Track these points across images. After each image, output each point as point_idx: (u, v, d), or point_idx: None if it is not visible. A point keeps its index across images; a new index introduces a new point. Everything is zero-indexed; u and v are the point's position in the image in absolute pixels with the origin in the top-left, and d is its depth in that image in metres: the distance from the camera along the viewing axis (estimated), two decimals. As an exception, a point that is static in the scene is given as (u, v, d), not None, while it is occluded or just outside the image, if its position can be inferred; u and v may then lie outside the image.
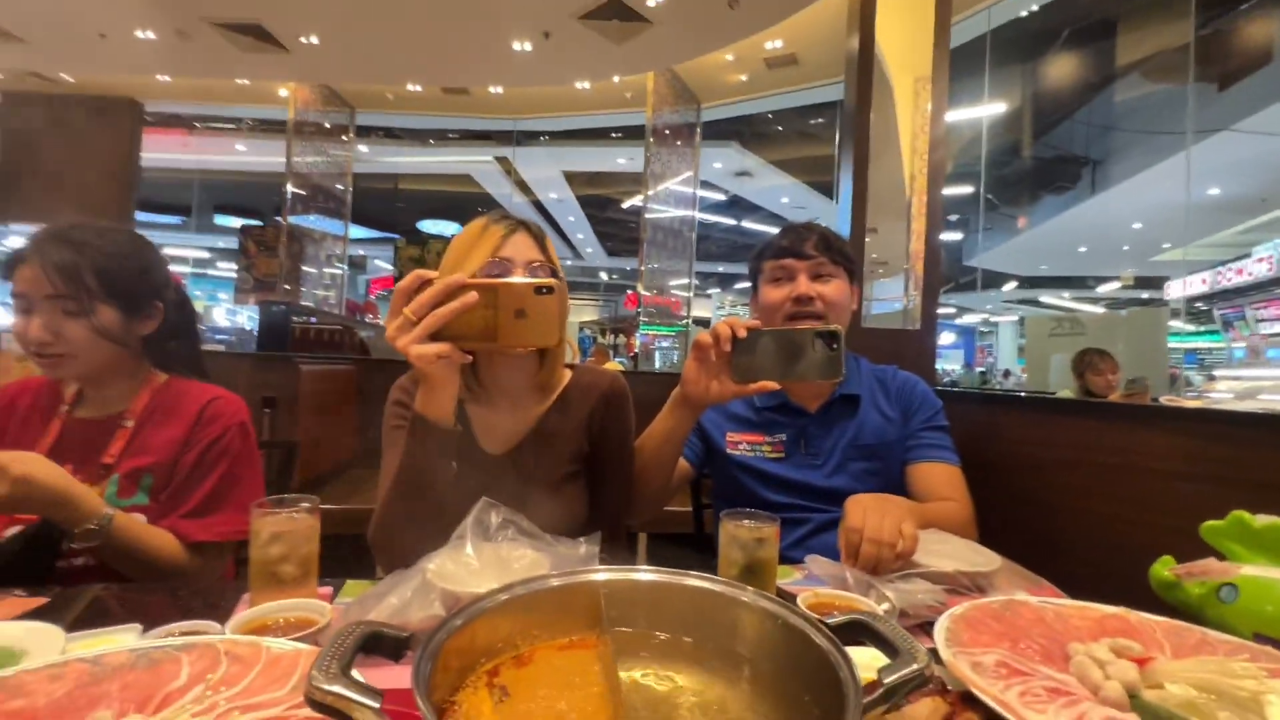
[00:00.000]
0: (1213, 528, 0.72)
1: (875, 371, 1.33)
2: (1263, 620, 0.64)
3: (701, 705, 0.49)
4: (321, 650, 0.42)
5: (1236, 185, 6.77)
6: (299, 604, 0.67)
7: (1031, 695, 0.53)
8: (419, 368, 0.78)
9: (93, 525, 0.90)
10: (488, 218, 1.01)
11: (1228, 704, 0.50)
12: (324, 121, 7.59)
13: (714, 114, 7.44)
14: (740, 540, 0.76)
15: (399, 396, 1.03)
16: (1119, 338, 5.37)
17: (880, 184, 2.90)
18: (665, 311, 7.38)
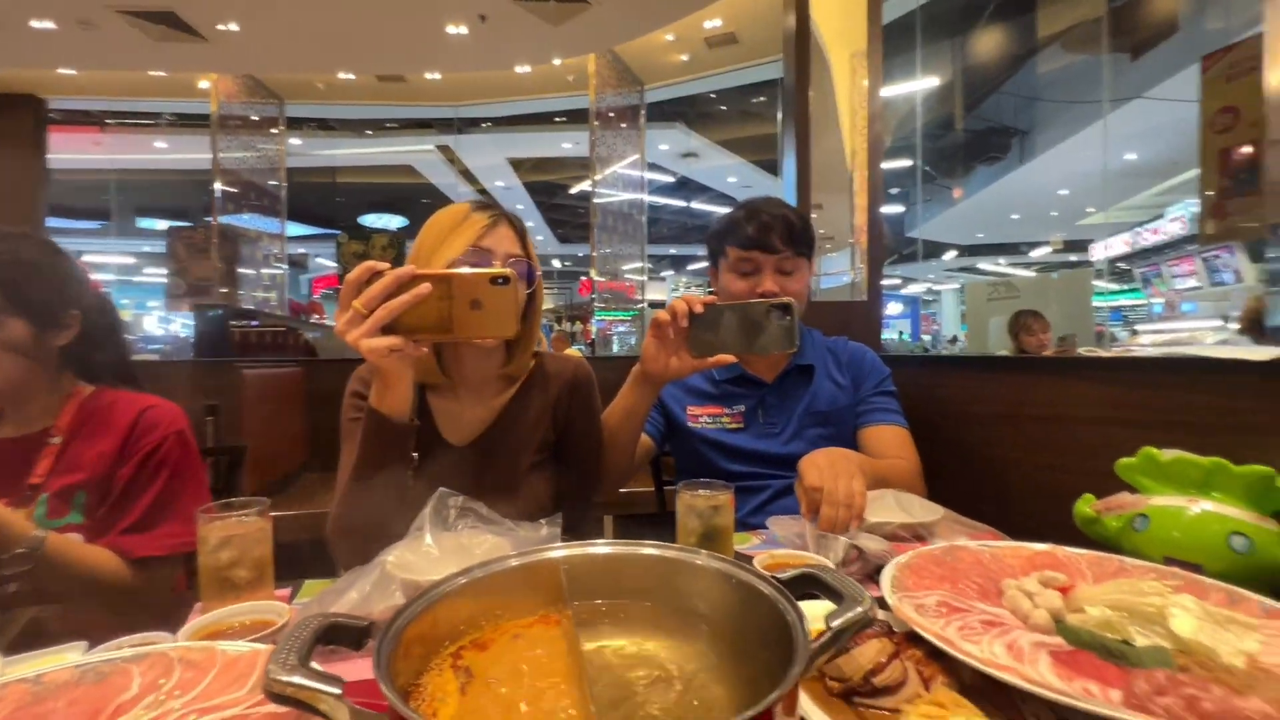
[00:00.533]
0: (1126, 464, 0.78)
1: (827, 343, 1.38)
2: (1170, 544, 0.70)
3: (662, 666, 0.51)
4: (278, 644, 0.41)
5: (1151, 150, 7.17)
6: (255, 606, 0.66)
7: (968, 629, 0.57)
8: (372, 362, 0.76)
9: (22, 550, 0.86)
10: (469, 204, 0.98)
11: (1138, 619, 0.55)
12: (251, 114, 7.20)
13: (658, 95, 7.41)
14: (697, 509, 0.78)
15: (356, 387, 1.01)
16: (1050, 299, 5.67)
17: (823, 160, 2.96)
18: (620, 296, 7.37)
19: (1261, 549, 0.66)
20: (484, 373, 1.03)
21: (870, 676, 0.52)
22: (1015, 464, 1.10)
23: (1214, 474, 0.70)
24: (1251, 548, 0.66)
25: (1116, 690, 0.47)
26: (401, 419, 0.83)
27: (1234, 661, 0.49)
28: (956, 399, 1.25)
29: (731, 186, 10.92)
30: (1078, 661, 0.51)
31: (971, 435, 1.20)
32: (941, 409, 1.28)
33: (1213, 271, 6.98)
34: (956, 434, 1.23)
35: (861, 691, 0.52)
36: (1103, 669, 0.50)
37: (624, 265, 7.24)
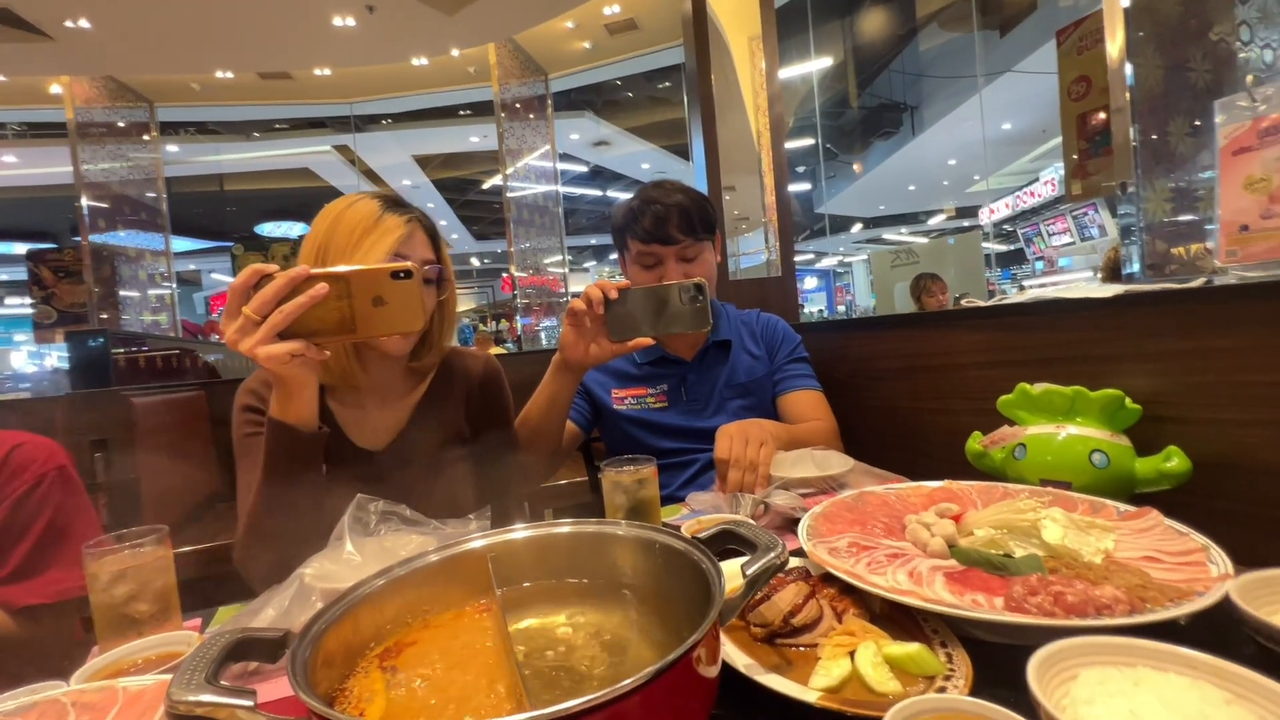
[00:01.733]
0: (1005, 401, 0.86)
1: (741, 316, 1.43)
2: (1044, 468, 0.78)
3: (591, 635, 0.52)
4: (179, 668, 0.39)
5: (1024, 120, 7.82)
6: (160, 640, 0.62)
7: (875, 563, 0.62)
8: (271, 370, 0.71)
9: None
10: (378, 203, 0.90)
11: (1016, 534, 0.61)
12: (116, 120, 6.54)
13: (563, 84, 7.33)
14: (622, 485, 0.80)
15: (247, 401, 0.93)
16: (947, 262, 6.09)
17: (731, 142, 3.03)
18: (544, 291, 7.28)
19: (1116, 462, 0.75)
20: (387, 376, 0.99)
21: (789, 618, 0.55)
22: (915, 412, 1.19)
23: (1076, 401, 0.79)
24: (1109, 462, 0.75)
25: (999, 598, 0.53)
26: (309, 428, 0.78)
27: (1094, 559, 0.56)
28: (861, 357, 1.34)
29: (645, 173, 10.98)
30: (968, 578, 0.56)
31: (877, 389, 1.28)
32: (850, 368, 1.36)
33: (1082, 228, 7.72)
34: (864, 390, 1.32)
35: (783, 633, 0.56)
36: (988, 581, 0.56)
37: (544, 259, 7.15)
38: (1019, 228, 9.20)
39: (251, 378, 0.95)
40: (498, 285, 16.25)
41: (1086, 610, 0.48)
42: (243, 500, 0.87)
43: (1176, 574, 0.53)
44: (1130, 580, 0.51)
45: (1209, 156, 0.72)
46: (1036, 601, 0.50)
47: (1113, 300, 0.83)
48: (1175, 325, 0.77)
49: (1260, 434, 0.70)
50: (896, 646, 0.50)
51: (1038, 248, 8.62)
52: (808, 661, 0.52)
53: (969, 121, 7.50)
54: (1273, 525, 0.69)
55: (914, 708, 0.40)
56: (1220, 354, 0.73)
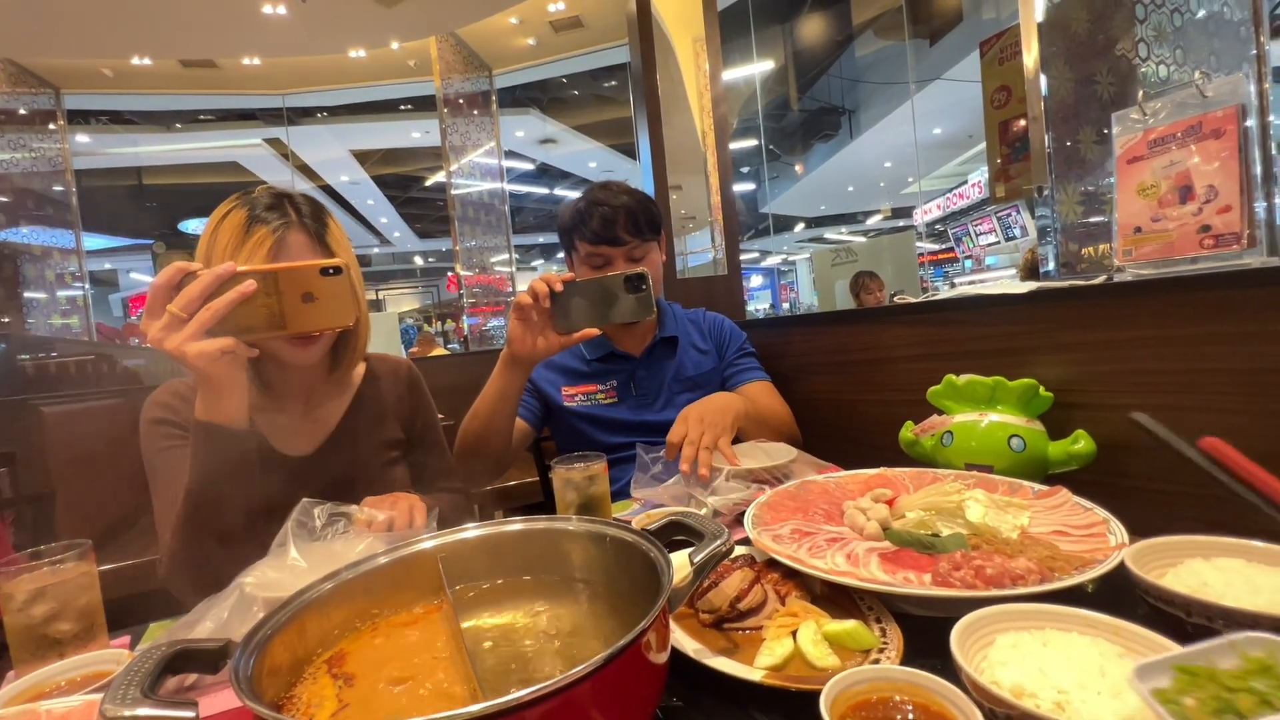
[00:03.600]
0: (934, 391, 0.92)
1: (688, 314, 1.47)
2: (969, 453, 0.84)
3: (543, 628, 0.53)
4: (112, 683, 0.38)
5: (952, 125, 8.24)
6: (86, 659, 0.59)
7: (816, 548, 0.65)
8: (199, 369, 0.68)
9: None
10: (247, 208, 0.83)
11: (943, 515, 0.65)
12: (17, 107, 6.03)
13: (508, 80, 7.22)
14: (573, 481, 0.81)
15: (159, 415, 0.88)
16: (884, 260, 6.36)
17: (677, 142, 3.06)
18: (491, 290, 7.15)
19: (1031, 446, 0.81)
20: (309, 381, 0.95)
21: (735, 603, 0.58)
22: (853, 403, 1.25)
23: (996, 390, 0.85)
24: (1025, 446, 0.81)
25: (928, 574, 0.56)
26: (240, 426, 0.76)
27: (1011, 535, 0.61)
28: (803, 352, 1.39)
29: (593, 172, 10.95)
30: (900, 558, 0.60)
31: (817, 382, 1.34)
32: (792, 363, 1.41)
33: (1005, 228, 8.19)
34: (805, 382, 1.37)
35: (730, 618, 0.58)
36: (918, 560, 0.59)
37: (491, 257, 7.03)
38: (949, 228, 9.68)
39: (158, 390, 0.89)
40: (443, 284, 15.87)
41: (1003, 581, 0.52)
42: (163, 518, 0.82)
43: (1081, 545, 0.59)
44: (1042, 552, 0.56)
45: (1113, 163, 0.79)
46: (960, 576, 0.54)
47: (1027, 296, 0.90)
48: (1081, 319, 0.83)
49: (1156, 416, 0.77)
50: (835, 624, 0.53)
51: (966, 246, 9.10)
52: (753, 644, 0.54)
53: (902, 126, 7.84)
54: (1165, 498, 0.77)
55: (849, 679, 0.43)
56: (1119, 345, 0.80)
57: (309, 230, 0.85)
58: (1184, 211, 0.77)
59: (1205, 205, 0.74)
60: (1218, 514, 0.72)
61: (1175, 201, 0.77)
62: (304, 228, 0.85)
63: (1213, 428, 0.70)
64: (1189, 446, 0.37)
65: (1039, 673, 0.40)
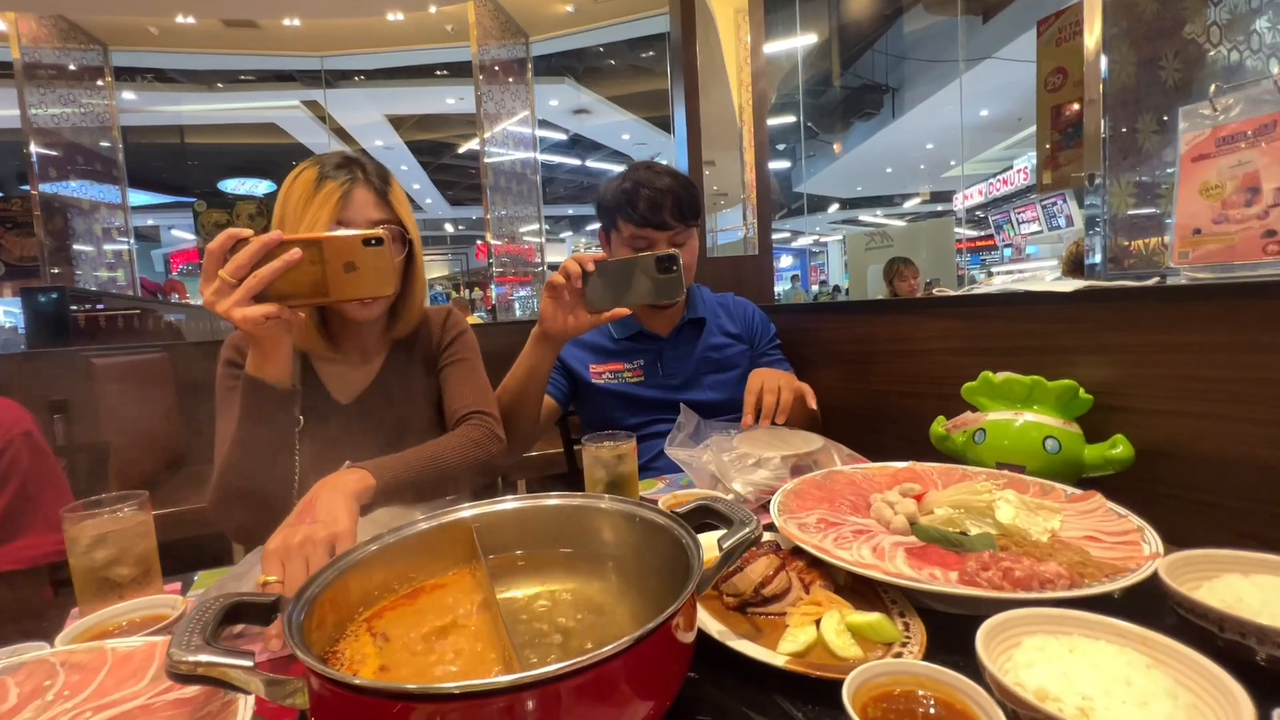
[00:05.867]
0: (969, 388, 0.91)
1: (715, 298, 1.48)
2: (1002, 452, 0.83)
3: (572, 603, 0.55)
4: (177, 629, 0.41)
5: (1000, 107, 7.91)
6: (143, 603, 0.63)
7: (842, 538, 0.66)
8: (247, 331, 0.73)
9: None
10: (318, 167, 0.90)
11: (972, 514, 0.65)
12: (67, 63, 6.16)
13: (544, 48, 7.12)
14: (602, 460, 0.82)
15: (230, 355, 0.95)
16: (920, 246, 6.19)
17: (713, 116, 3.01)
18: (519, 260, 7.18)
19: (1067, 448, 0.79)
20: (370, 337, 1.01)
21: (760, 589, 0.59)
22: (882, 394, 1.24)
23: (1034, 389, 0.84)
24: (1060, 448, 0.80)
25: (954, 572, 0.57)
26: (283, 385, 0.80)
27: (1041, 538, 0.61)
28: (832, 340, 1.38)
29: (626, 144, 10.82)
30: (926, 554, 0.61)
31: (846, 371, 1.33)
32: (820, 350, 1.40)
33: (1050, 217, 7.90)
34: (833, 371, 1.37)
35: (754, 602, 0.59)
36: (945, 557, 0.60)
37: (520, 227, 7.03)
38: (991, 214, 9.37)
39: (235, 333, 0.95)
40: (472, 252, 15.96)
41: (1031, 584, 0.52)
42: (219, 451, 0.88)
43: (1114, 552, 0.58)
44: (1072, 558, 0.56)
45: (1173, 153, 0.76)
46: (987, 576, 0.54)
47: (1073, 295, 0.88)
48: (1129, 321, 0.81)
49: (1199, 425, 0.76)
50: (858, 616, 0.53)
51: (1007, 234, 8.81)
52: (776, 629, 0.55)
53: (948, 106, 7.55)
54: (1203, 509, 0.75)
55: (872, 671, 0.44)
56: (1168, 349, 0.78)
57: (374, 187, 0.92)
58: (1248, 214, 0.73)
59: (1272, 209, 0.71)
60: (1261, 528, 0.71)
61: (1240, 204, 0.74)
62: (369, 184, 0.91)
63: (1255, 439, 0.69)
64: None
65: (1064, 677, 0.40)
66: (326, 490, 0.71)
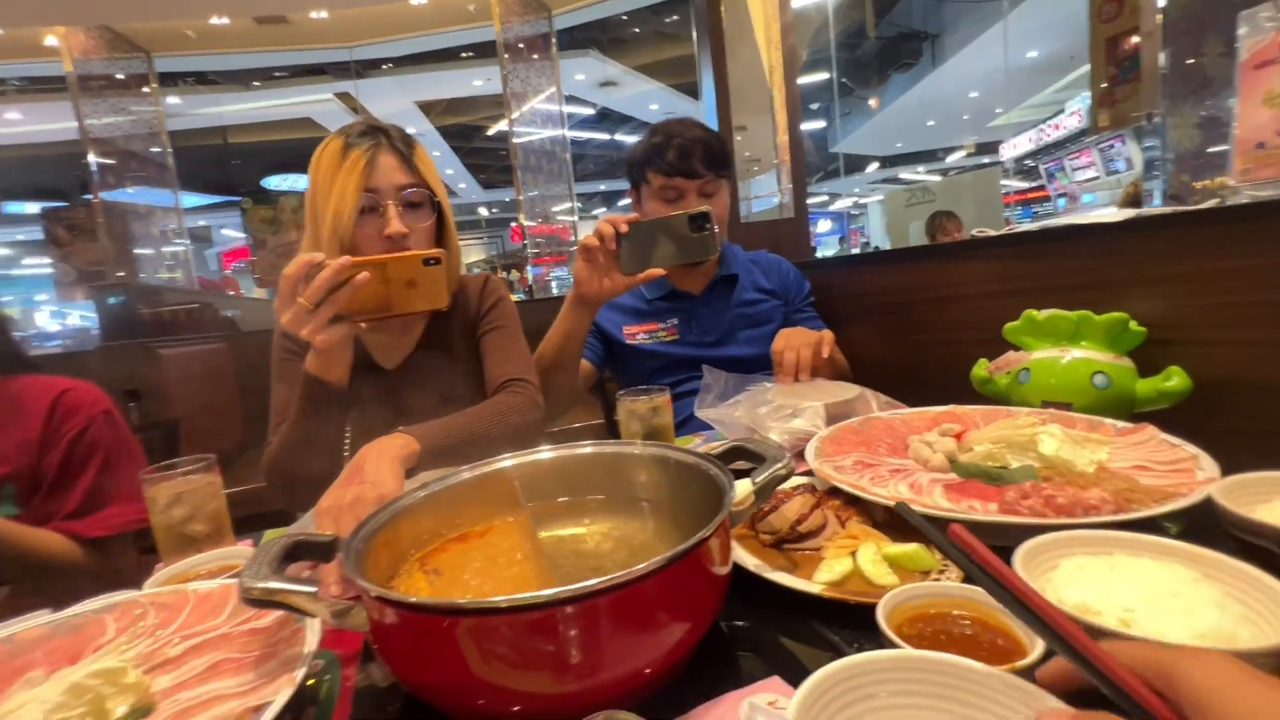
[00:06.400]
0: (1011, 328, 0.88)
1: (747, 255, 1.46)
2: (1047, 390, 0.81)
3: (611, 541, 0.57)
4: (247, 563, 0.44)
5: (1049, 46, 7.42)
6: (219, 554, 0.68)
7: (878, 478, 0.65)
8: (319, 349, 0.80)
9: None
10: (345, 135, 0.93)
11: (1014, 448, 0.64)
12: (115, 72, 6.42)
13: (567, 20, 7.03)
14: (637, 413, 0.83)
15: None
16: (964, 199, 5.93)
17: (742, 79, 2.93)
18: (554, 240, 7.20)
19: (1117, 383, 0.77)
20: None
21: (796, 525, 0.59)
22: (920, 343, 1.21)
23: (1081, 325, 0.80)
24: (1110, 383, 0.77)
25: (993, 503, 0.56)
26: (340, 385, 0.87)
27: (1086, 469, 0.59)
28: (868, 291, 1.35)
29: (654, 114, 10.64)
30: (965, 488, 0.60)
31: (883, 321, 1.31)
32: (858, 302, 1.38)
33: (1108, 161, 7.41)
34: (870, 322, 1.34)
35: (790, 539, 0.60)
36: (984, 490, 0.59)
37: (553, 207, 7.05)
38: (1041, 163, 8.85)
39: None
40: (506, 235, 16.10)
41: (1075, 511, 0.51)
42: (276, 414, 0.96)
43: (1165, 480, 0.56)
44: (1119, 485, 0.54)
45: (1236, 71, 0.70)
46: (1029, 504, 0.53)
47: (1121, 225, 0.83)
48: (1183, 248, 0.77)
49: (1261, 353, 0.72)
50: (895, 546, 0.53)
51: (1060, 183, 8.32)
52: (812, 563, 0.56)
53: (993, 49, 7.14)
54: (1264, 439, 0.72)
55: (908, 593, 0.44)
56: (1228, 275, 0.74)
57: (398, 152, 0.95)
58: (1318, 123, 0.68)
59: (1346, 114, 0.66)
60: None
61: (1309, 112, 0.68)
62: (394, 150, 0.94)
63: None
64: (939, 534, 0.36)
65: (1105, 592, 0.40)
66: (373, 453, 0.74)
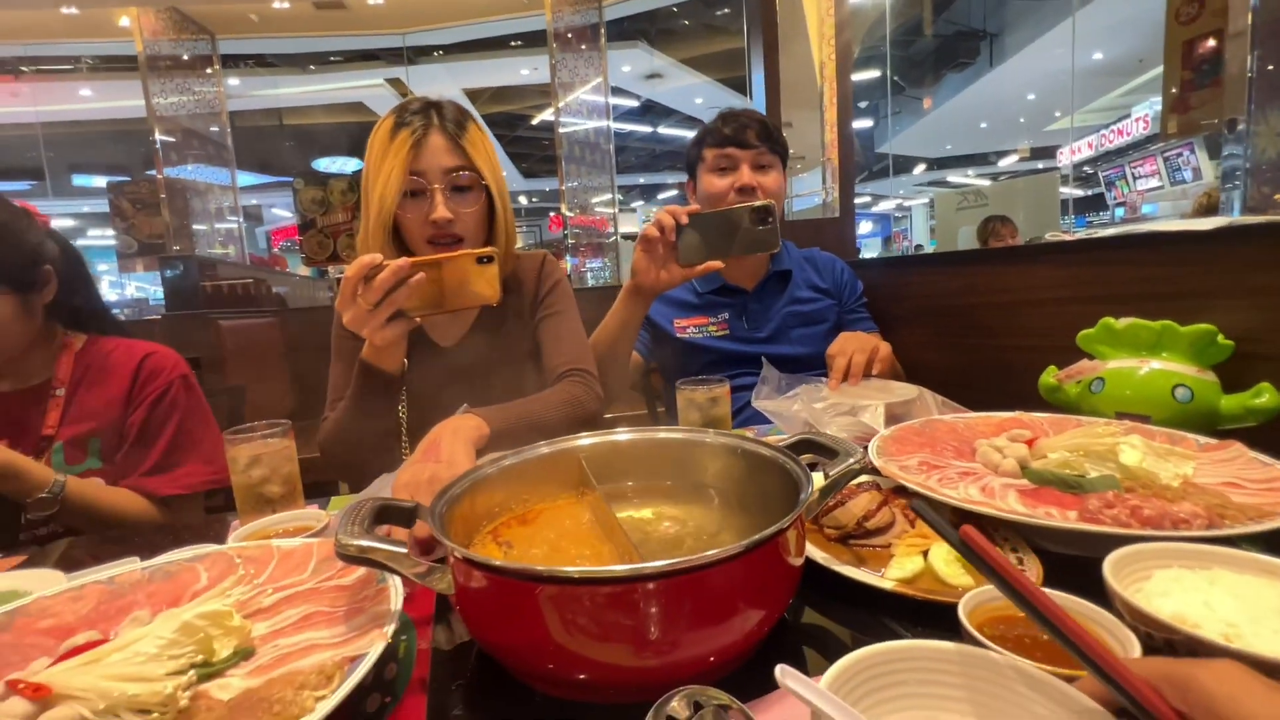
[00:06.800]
0: (1086, 335, 0.85)
1: (801, 253, 1.45)
2: (1122, 401, 0.78)
3: (681, 524, 0.57)
4: (339, 521, 0.46)
5: (1117, 48, 7.10)
6: (294, 515, 0.71)
7: (946, 479, 0.64)
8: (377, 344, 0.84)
9: (44, 494, 0.89)
10: (395, 115, 0.94)
11: (1092, 457, 0.62)
12: (181, 53, 6.66)
13: (617, 11, 7.03)
14: (696, 403, 0.84)
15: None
16: (1018, 205, 5.74)
17: (792, 74, 2.89)
18: (592, 231, 7.22)
19: (1200, 397, 0.74)
20: None
21: (863, 522, 0.59)
22: (981, 348, 1.18)
23: (1163, 335, 0.78)
24: (1192, 397, 0.74)
25: (1073, 511, 0.55)
26: (395, 373, 0.91)
27: (1171, 483, 0.57)
28: (924, 294, 1.33)
29: (698, 109, 10.56)
30: (1040, 494, 0.59)
31: (940, 324, 1.28)
32: (912, 305, 1.36)
33: (1173, 170, 7.09)
34: (926, 325, 1.32)
35: (856, 535, 0.59)
36: (1061, 498, 0.57)
37: (593, 198, 7.06)
38: (1101, 170, 8.50)
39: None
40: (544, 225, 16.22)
41: (1163, 524, 0.50)
42: (333, 389, 1.02)
43: (1259, 498, 0.54)
44: (1210, 500, 0.53)
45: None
46: (1113, 514, 0.52)
47: (1213, 234, 0.80)
48: (1276, 259, 0.73)
49: (1362, 373, 0.68)
50: (969, 548, 0.53)
51: (1119, 192, 7.98)
52: (880, 560, 0.55)
53: (1057, 50, 6.87)
54: (1364, 463, 0.68)
55: (989, 593, 0.43)
56: (1328, 290, 0.70)
57: (448, 133, 0.94)
58: None
59: None
60: None
61: None
62: (444, 130, 0.94)
63: None
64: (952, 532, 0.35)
65: (1204, 606, 0.39)
66: (448, 433, 0.77)
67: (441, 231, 0.94)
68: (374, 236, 0.93)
